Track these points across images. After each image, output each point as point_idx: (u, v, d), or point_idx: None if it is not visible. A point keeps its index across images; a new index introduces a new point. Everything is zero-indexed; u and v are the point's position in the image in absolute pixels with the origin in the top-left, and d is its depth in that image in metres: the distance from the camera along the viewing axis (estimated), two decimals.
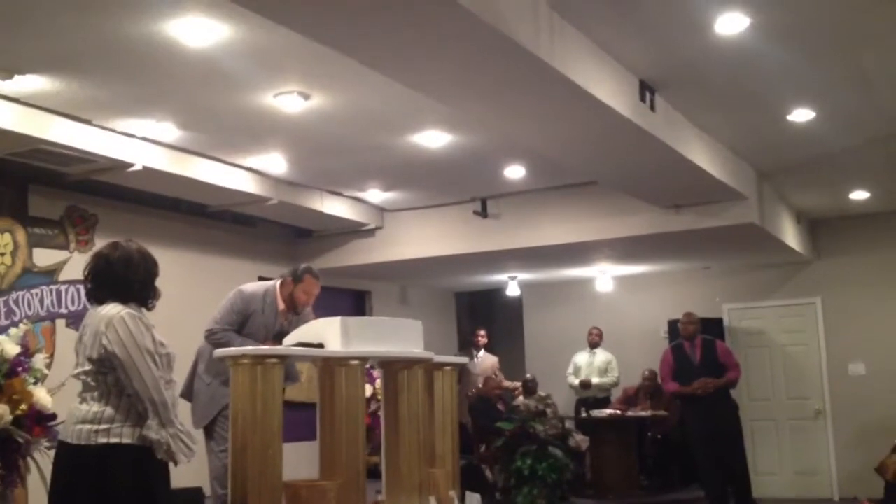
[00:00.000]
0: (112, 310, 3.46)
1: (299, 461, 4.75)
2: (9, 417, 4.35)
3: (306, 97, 5.89)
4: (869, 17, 4.99)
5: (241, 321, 5.38)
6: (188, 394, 5.37)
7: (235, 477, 3.97)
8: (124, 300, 3.51)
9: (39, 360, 4.75)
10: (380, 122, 6.52)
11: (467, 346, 11.36)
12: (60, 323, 7.18)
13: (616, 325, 10.92)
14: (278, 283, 5.55)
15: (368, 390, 7.15)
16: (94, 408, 3.41)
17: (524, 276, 11.01)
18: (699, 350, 8.10)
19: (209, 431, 5.34)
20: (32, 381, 4.62)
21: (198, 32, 4.83)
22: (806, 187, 8.90)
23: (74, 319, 7.09)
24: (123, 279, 3.54)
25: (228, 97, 5.91)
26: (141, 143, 6.72)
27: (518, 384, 10.48)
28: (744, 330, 10.69)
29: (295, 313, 5.53)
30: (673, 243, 8.89)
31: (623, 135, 5.94)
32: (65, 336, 6.98)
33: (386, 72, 4.87)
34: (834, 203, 9.59)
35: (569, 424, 9.89)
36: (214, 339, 5.30)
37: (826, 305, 10.31)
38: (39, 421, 4.49)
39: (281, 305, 5.49)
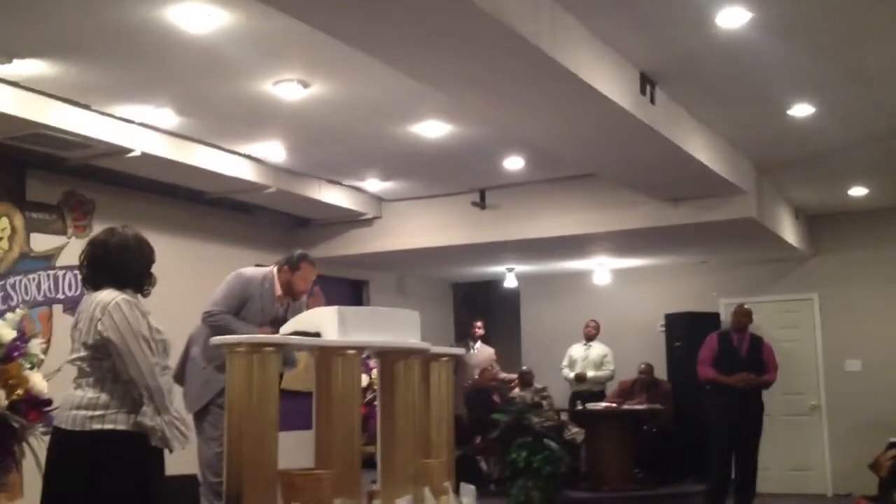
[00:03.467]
0: (108, 296, 3.45)
1: (295, 450, 4.75)
2: (4, 402, 4.34)
3: (306, 85, 5.87)
4: (870, 13, 4.99)
5: (240, 305, 5.36)
6: (179, 377, 5.30)
7: (231, 465, 3.97)
8: (120, 286, 3.50)
9: (36, 346, 4.73)
10: (379, 111, 6.51)
11: (464, 337, 11.34)
12: (57, 308, 7.17)
13: (613, 319, 10.89)
14: (275, 268, 5.55)
15: (364, 380, 7.14)
16: (89, 394, 3.41)
17: (522, 267, 11.01)
18: (747, 343, 8.04)
19: (201, 418, 5.31)
20: (29, 366, 4.61)
21: (198, 18, 4.81)
22: (805, 183, 8.89)
23: (71, 305, 7.07)
24: (119, 265, 3.53)
25: (228, 84, 5.89)
26: (140, 128, 6.70)
27: (514, 376, 10.48)
28: None
29: (293, 299, 5.54)
30: (671, 237, 8.89)
31: (623, 127, 5.93)
32: (62, 321, 6.97)
33: (386, 61, 4.87)
34: (832, 199, 9.59)
35: (564, 417, 9.92)
36: (212, 321, 5.28)
37: (823, 301, 10.33)
38: (35, 406, 4.48)
39: (278, 291, 5.49)
